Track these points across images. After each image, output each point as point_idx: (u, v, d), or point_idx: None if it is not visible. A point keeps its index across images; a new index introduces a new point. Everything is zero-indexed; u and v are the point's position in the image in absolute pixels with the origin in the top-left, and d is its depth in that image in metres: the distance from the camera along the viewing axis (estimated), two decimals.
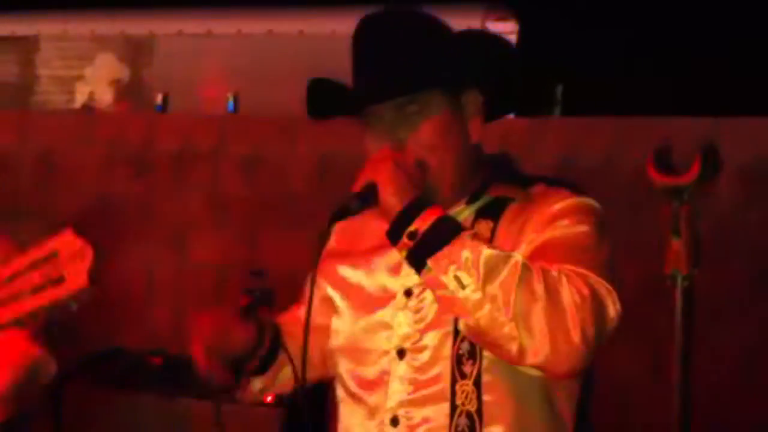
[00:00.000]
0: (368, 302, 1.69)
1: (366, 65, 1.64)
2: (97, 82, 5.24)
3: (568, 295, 1.43)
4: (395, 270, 1.67)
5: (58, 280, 1.24)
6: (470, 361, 1.57)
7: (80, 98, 5.32)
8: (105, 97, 5.29)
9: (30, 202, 4.47)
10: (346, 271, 1.75)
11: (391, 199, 1.51)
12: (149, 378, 3.29)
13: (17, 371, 1.90)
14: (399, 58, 1.58)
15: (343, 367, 1.72)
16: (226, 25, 5.15)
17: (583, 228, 1.57)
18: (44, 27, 5.22)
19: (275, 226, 4.38)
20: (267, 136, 4.47)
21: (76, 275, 1.24)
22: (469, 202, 1.66)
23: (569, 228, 1.56)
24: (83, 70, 5.24)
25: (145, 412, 3.16)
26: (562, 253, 1.52)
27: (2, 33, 5.15)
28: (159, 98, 4.76)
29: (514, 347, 1.43)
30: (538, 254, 1.52)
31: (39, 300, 1.26)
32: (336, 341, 1.73)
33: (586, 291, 1.44)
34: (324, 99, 1.70)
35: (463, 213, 1.66)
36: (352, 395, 1.70)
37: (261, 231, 4.42)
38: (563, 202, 1.60)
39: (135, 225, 4.52)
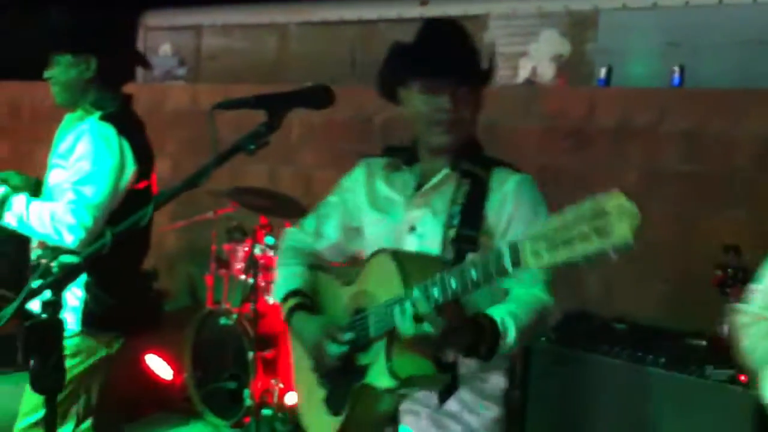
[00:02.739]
0: None
1: None
2: (540, 58, 5.39)
3: None
4: None
5: (604, 234, 1.39)
6: None
7: (523, 73, 5.51)
8: (546, 72, 5.43)
9: None
10: None
11: None
12: (614, 343, 3.32)
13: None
14: None
15: None
16: None
17: None
18: (494, 6, 5.48)
19: (714, 205, 4.19)
20: (711, 111, 4.27)
21: (621, 231, 1.37)
22: None
23: None
24: (528, 47, 5.41)
25: (610, 376, 3.21)
26: None
27: (456, 13, 5.52)
28: (602, 72, 4.77)
29: None
30: None
31: (585, 247, 1.41)
32: None
33: None
34: None
35: None
36: None
37: (698, 208, 4.25)
38: None
39: (571, 197, 4.58)
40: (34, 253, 2.90)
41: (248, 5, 6.87)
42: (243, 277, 4.69)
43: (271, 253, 4.63)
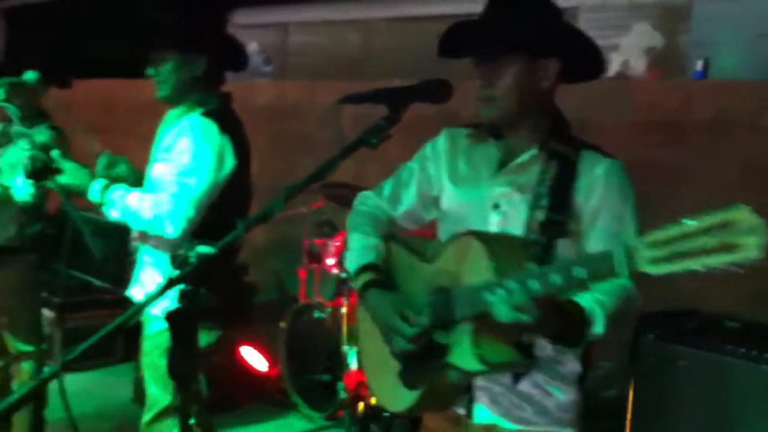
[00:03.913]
0: None
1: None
2: (631, 51, 5.32)
3: None
4: None
5: (730, 248, 1.35)
6: None
7: (614, 67, 5.44)
8: (638, 65, 5.35)
9: None
10: None
11: None
12: (727, 341, 3.23)
13: None
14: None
15: None
16: None
17: None
18: None
19: None
20: None
21: (751, 247, 1.34)
22: None
23: None
24: (619, 40, 5.34)
25: (724, 374, 3.15)
26: None
27: None
28: (699, 65, 4.68)
29: None
30: None
31: (710, 261, 1.38)
32: None
33: None
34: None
35: None
36: None
37: None
38: None
39: (666, 192, 4.52)
40: (135, 244, 2.98)
41: (333, 2, 6.93)
42: (335, 271, 4.74)
43: None
